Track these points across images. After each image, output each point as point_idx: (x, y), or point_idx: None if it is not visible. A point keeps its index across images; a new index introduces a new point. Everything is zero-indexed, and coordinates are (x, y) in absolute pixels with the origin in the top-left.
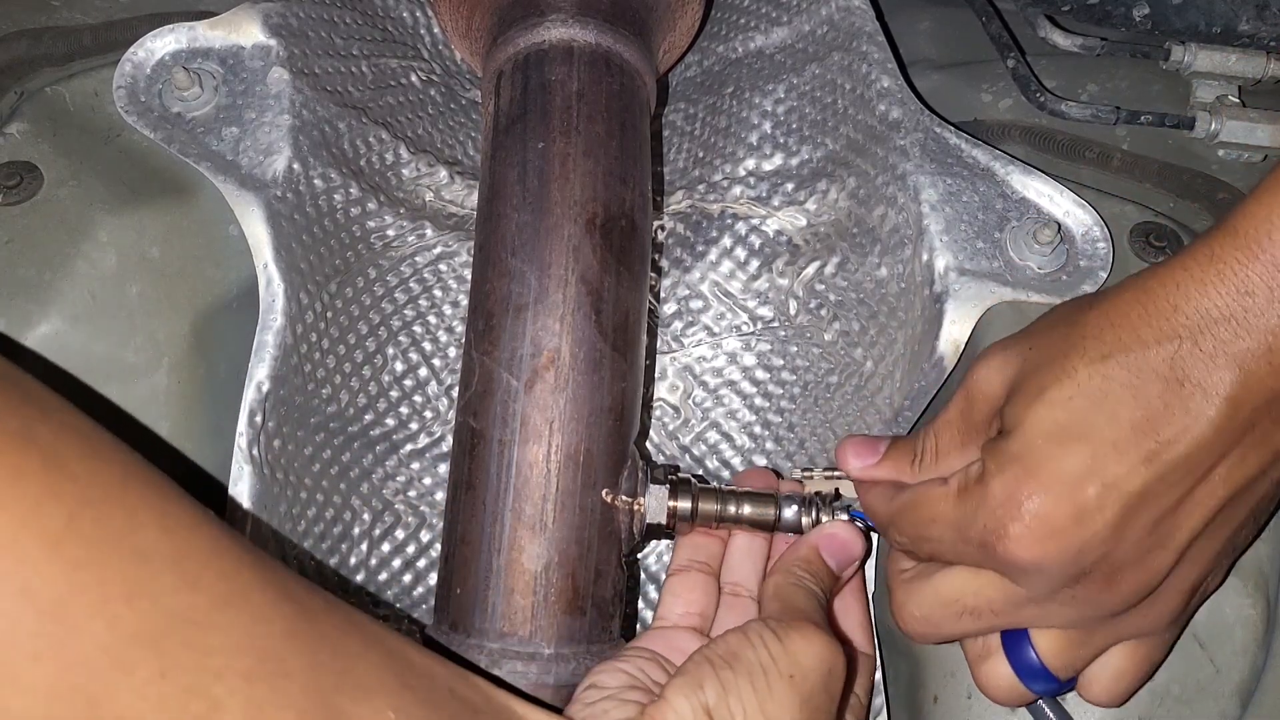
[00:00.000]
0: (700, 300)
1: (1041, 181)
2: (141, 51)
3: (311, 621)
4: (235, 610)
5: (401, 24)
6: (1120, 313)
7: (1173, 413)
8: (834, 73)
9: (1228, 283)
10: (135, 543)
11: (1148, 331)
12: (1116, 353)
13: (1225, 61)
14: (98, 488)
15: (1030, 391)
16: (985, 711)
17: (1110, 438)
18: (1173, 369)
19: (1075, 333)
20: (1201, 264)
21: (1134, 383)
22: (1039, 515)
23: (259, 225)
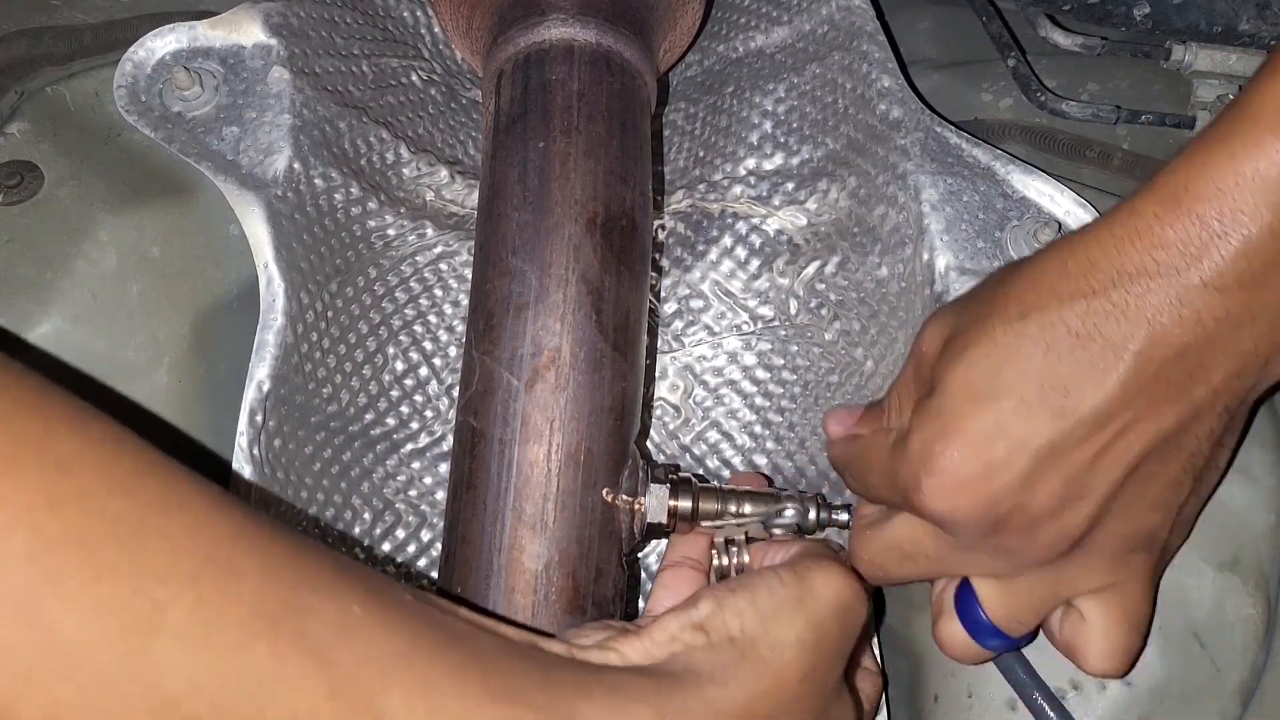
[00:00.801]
0: (701, 299)
1: (1042, 181)
2: (142, 51)
3: (259, 526)
4: (174, 514)
5: (402, 23)
6: (1041, 271)
7: (1081, 369)
8: (834, 72)
9: (1143, 238)
10: (56, 453)
11: (1064, 288)
12: (1033, 311)
13: (1226, 61)
14: (8, 402)
15: (954, 351)
16: (985, 711)
17: (1020, 395)
18: (1084, 325)
19: (999, 293)
20: (1122, 220)
21: (1046, 339)
22: (948, 470)
23: (259, 225)
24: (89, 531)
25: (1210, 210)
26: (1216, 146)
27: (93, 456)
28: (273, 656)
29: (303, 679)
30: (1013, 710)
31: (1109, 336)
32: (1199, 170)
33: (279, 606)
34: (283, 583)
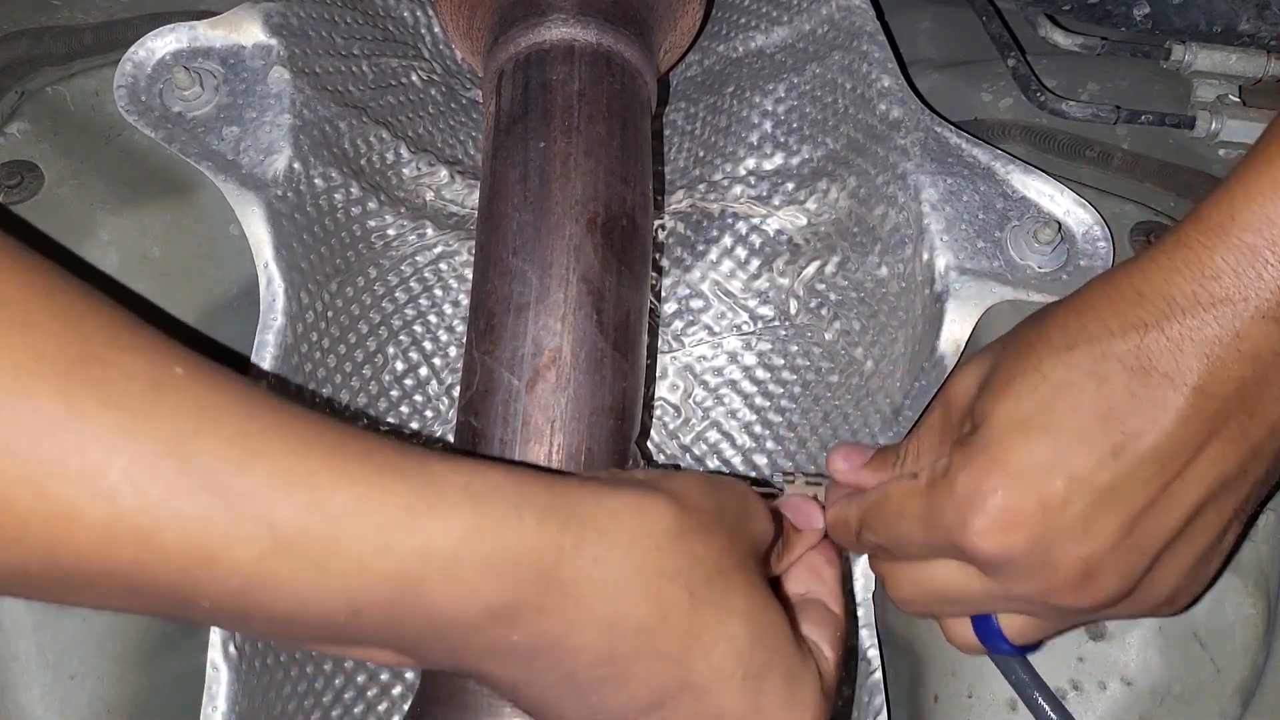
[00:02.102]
0: (701, 299)
1: (1042, 181)
2: (142, 51)
3: (68, 288)
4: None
5: (402, 23)
6: (1087, 304)
7: (1139, 403)
8: (834, 72)
9: (1193, 268)
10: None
11: (1114, 321)
12: (1081, 343)
13: (1226, 61)
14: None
15: (997, 385)
16: (985, 711)
17: (1074, 428)
18: (1138, 358)
19: (1043, 326)
20: (1168, 251)
21: (1098, 372)
22: (1002, 507)
23: (259, 224)
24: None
25: (1260, 239)
26: (1261, 173)
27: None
28: (59, 398)
29: (99, 426)
30: (1013, 710)
31: (1165, 370)
32: (1244, 199)
33: (76, 360)
34: (81, 337)
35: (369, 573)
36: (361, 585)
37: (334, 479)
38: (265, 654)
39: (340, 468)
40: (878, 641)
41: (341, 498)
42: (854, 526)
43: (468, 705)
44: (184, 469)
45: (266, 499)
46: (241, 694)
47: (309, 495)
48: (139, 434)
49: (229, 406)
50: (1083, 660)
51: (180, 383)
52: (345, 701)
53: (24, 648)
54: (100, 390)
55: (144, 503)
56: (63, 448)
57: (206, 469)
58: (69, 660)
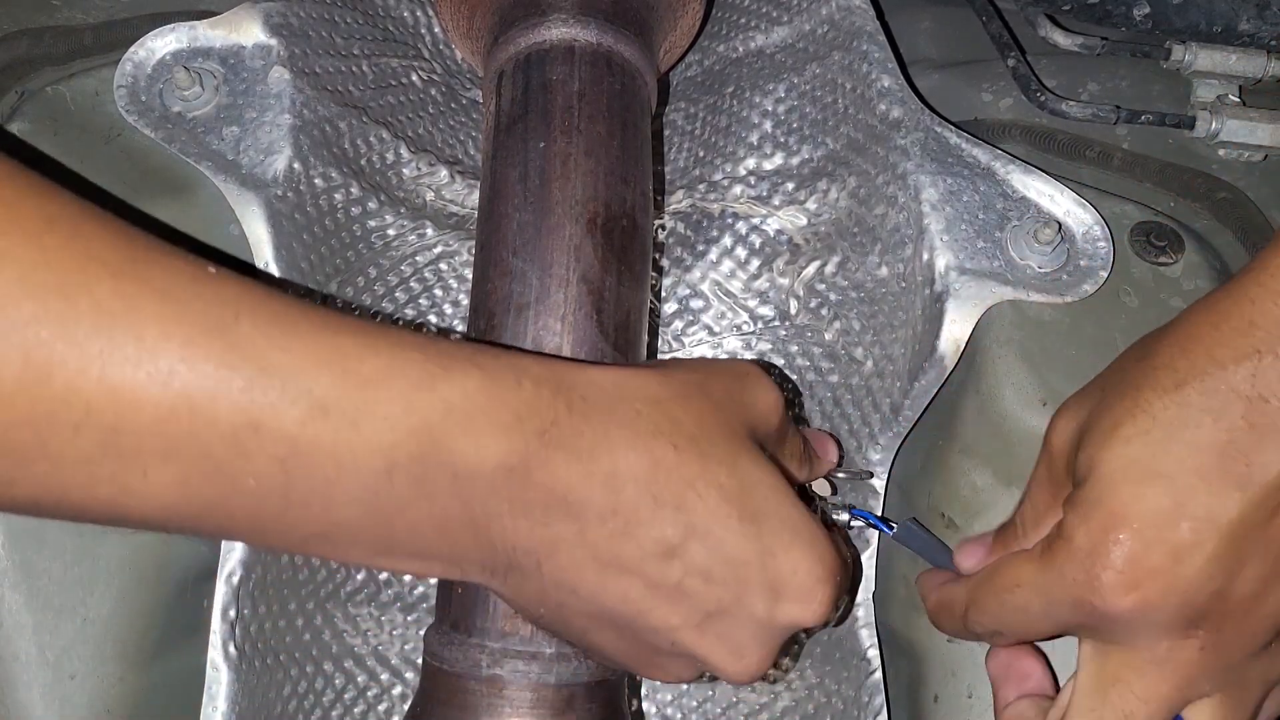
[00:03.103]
0: (701, 299)
1: (1042, 181)
2: (142, 51)
3: (101, 209)
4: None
5: (402, 23)
6: (1191, 337)
7: (1260, 432)
8: (834, 72)
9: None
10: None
11: (1223, 351)
12: (1191, 379)
13: (1226, 61)
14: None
15: (1103, 432)
16: (985, 711)
17: (1193, 467)
18: (1254, 386)
19: (1145, 365)
20: (1272, 273)
21: (1213, 406)
22: (1129, 559)
23: (259, 224)
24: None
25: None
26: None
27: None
28: (115, 292)
29: (153, 315)
30: None
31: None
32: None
33: (121, 258)
34: (129, 242)
35: (398, 428)
36: (392, 441)
37: (361, 351)
38: (265, 654)
39: (366, 343)
40: (878, 641)
41: (369, 366)
42: (960, 609)
43: (468, 705)
44: (231, 348)
45: (305, 370)
46: (241, 694)
47: (342, 365)
48: (189, 320)
49: (262, 297)
50: None
51: (216, 279)
52: (345, 701)
53: (24, 648)
54: (150, 285)
55: (198, 378)
56: (123, 334)
57: (250, 346)
58: (69, 660)
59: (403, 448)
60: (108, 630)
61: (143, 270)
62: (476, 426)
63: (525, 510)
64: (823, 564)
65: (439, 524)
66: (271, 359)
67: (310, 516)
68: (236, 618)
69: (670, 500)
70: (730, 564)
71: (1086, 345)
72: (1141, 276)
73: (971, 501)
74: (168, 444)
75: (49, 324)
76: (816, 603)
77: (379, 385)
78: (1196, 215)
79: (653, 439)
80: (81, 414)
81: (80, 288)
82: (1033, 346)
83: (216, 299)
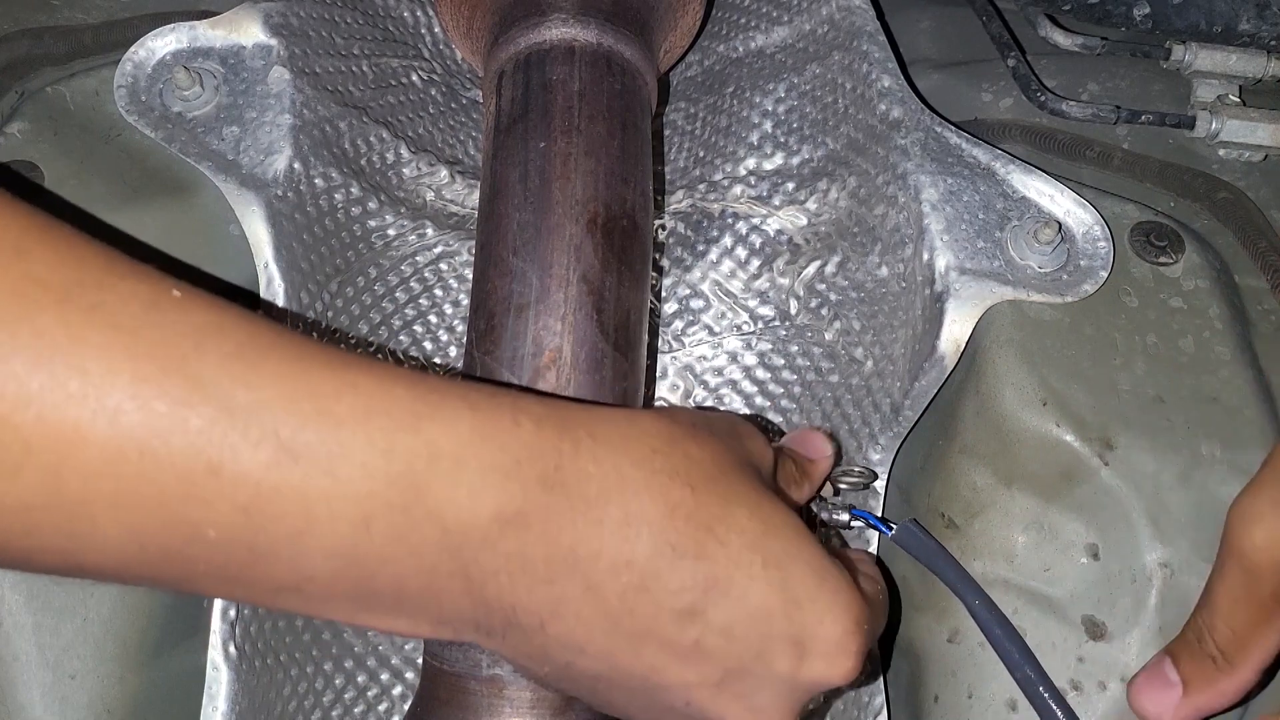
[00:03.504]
0: (701, 299)
1: (1042, 181)
2: (142, 51)
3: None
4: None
5: (402, 23)
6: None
7: None
8: (835, 72)
9: None
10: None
11: None
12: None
13: (1226, 61)
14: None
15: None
16: (985, 711)
17: None
18: None
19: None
20: None
21: None
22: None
23: (260, 224)
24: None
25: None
26: None
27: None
28: (58, 321)
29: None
30: (1013, 710)
31: None
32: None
33: (68, 282)
34: (79, 263)
35: (376, 476)
36: (369, 489)
37: (337, 388)
38: (265, 654)
39: (343, 377)
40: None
41: (345, 404)
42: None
43: (468, 705)
44: (187, 384)
45: (272, 408)
46: (241, 694)
47: (314, 404)
48: (140, 352)
49: (228, 325)
50: (1083, 660)
51: (178, 304)
52: (345, 701)
53: (24, 648)
54: (98, 312)
55: (149, 418)
56: (64, 368)
57: (210, 383)
58: (69, 660)
59: (381, 497)
60: (108, 630)
61: (91, 295)
62: (467, 473)
63: (526, 567)
64: (850, 613)
65: (426, 581)
66: (234, 396)
67: (279, 571)
68: (236, 618)
69: (690, 549)
70: (753, 618)
71: (1086, 345)
72: (1141, 276)
73: (971, 501)
74: (115, 489)
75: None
76: (846, 656)
77: (356, 426)
78: (1196, 215)
79: (669, 480)
80: (20, 455)
81: (18, 315)
82: (1033, 346)
83: (175, 328)
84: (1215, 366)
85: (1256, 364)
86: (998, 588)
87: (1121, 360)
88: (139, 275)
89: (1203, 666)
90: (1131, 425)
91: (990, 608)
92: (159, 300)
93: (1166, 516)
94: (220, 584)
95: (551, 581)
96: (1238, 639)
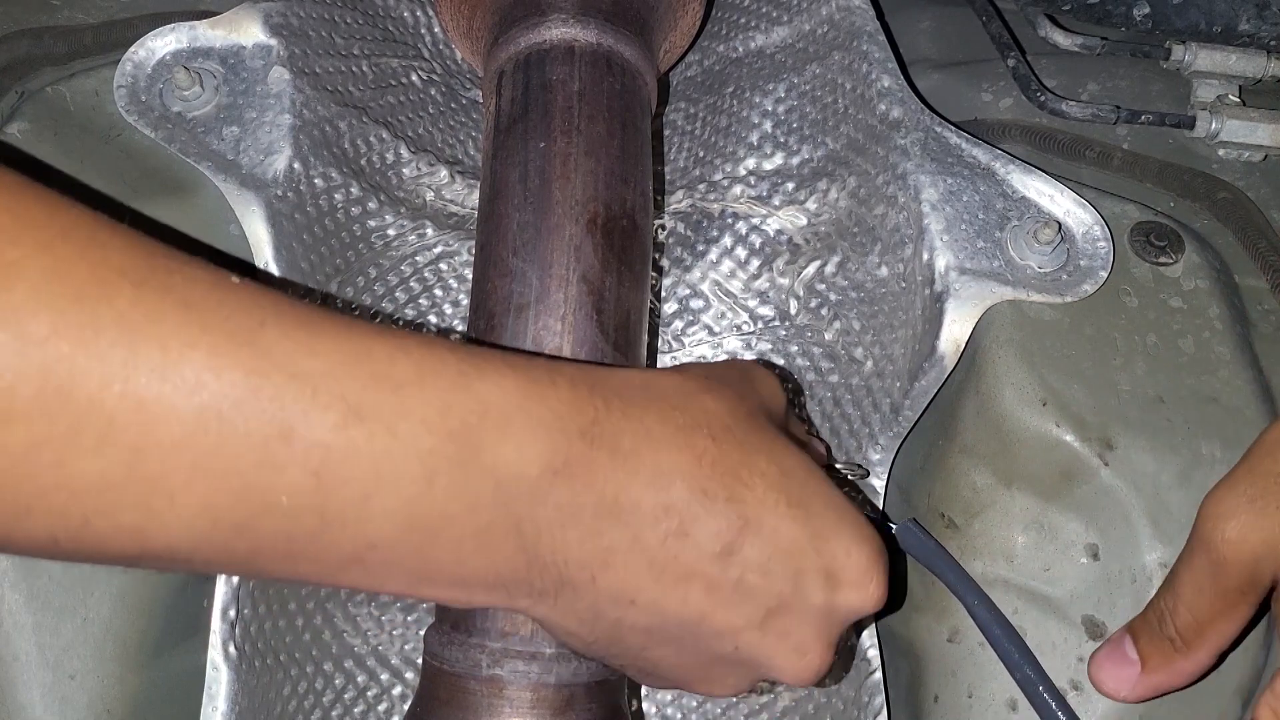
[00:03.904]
0: (701, 299)
1: (1042, 181)
2: (142, 51)
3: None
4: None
5: (402, 23)
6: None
7: None
8: (834, 72)
9: None
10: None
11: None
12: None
13: (1225, 61)
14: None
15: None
16: (985, 711)
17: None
18: None
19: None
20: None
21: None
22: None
23: (259, 224)
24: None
25: None
26: None
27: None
28: (137, 302)
29: (177, 324)
30: (1013, 710)
31: None
32: None
33: (141, 268)
34: (148, 252)
35: (436, 431)
36: (430, 445)
37: (393, 354)
38: (265, 654)
39: (396, 345)
40: (878, 641)
41: (402, 368)
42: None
43: (468, 705)
44: (258, 354)
45: (337, 374)
46: (241, 694)
47: (373, 367)
48: (214, 328)
49: (287, 304)
50: (1082, 660)
51: (238, 288)
52: (345, 701)
53: (24, 648)
54: (172, 294)
55: (226, 388)
56: (146, 345)
57: (278, 353)
58: (69, 660)
59: (442, 452)
60: (108, 630)
61: (163, 279)
62: (515, 430)
63: (575, 518)
64: (871, 543)
65: (482, 538)
66: (301, 364)
67: (346, 536)
68: (236, 618)
69: (721, 493)
70: (786, 554)
71: (1086, 345)
72: (1141, 276)
73: (971, 501)
74: (194, 461)
75: (68, 337)
76: (874, 585)
77: (413, 387)
78: (1196, 215)
79: (692, 432)
80: (104, 432)
81: (100, 298)
82: (1033, 346)
83: (240, 307)
84: (1215, 366)
85: (1256, 364)
86: (998, 588)
87: (1121, 360)
88: (199, 263)
89: (1161, 647)
90: (1131, 425)
91: (990, 608)
92: (221, 283)
93: (1166, 516)
94: (286, 558)
95: (600, 533)
96: (1197, 625)
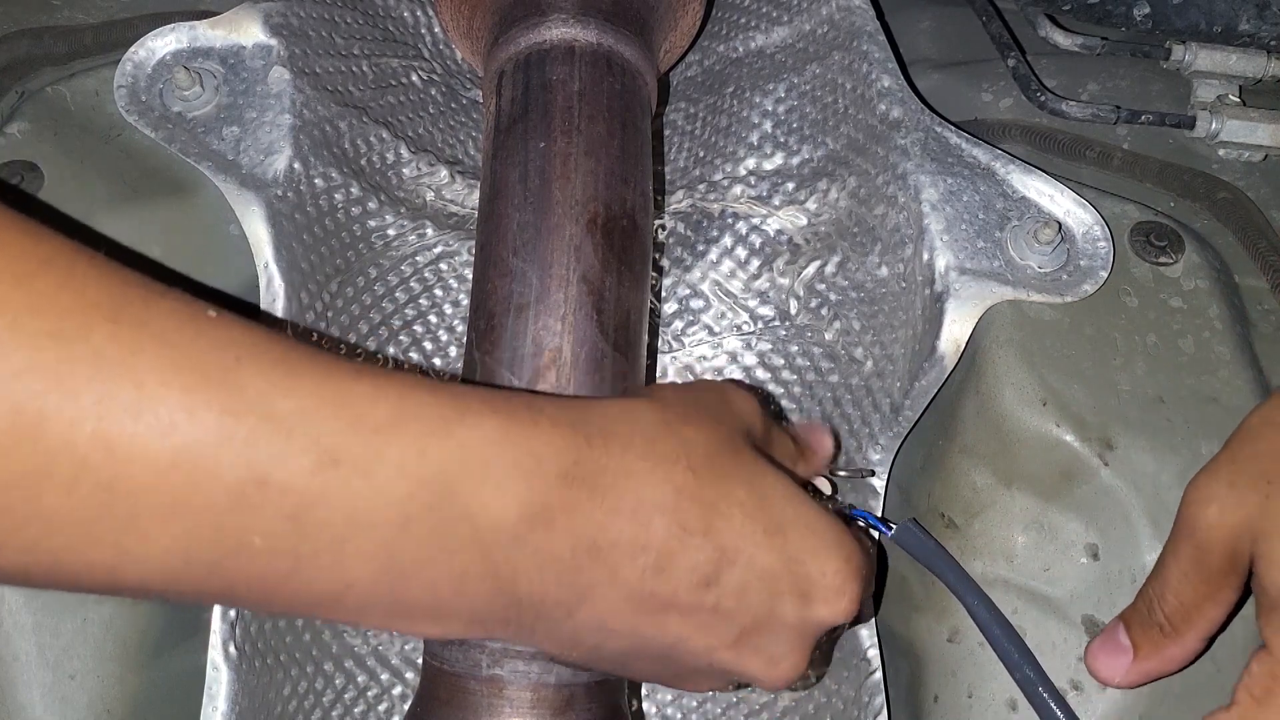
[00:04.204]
0: (701, 299)
1: (1042, 181)
2: (142, 51)
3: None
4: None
5: (402, 23)
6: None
7: None
8: (835, 72)
9: None
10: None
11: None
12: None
13: (1226, 61)
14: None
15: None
16: (985, 711)
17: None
18: None
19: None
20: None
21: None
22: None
23: (260, 224)
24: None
25: None
26: None
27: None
28: (111, 338)
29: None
30: (1013, 710)
31: None
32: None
33: (117, 301)
34: (125, 283)
35: (411, 477)
36: (406, 491)
37: (371, 396)
38: (265, 654)
39: (374, 386)
40: (878, 641)
41: (380, 411)
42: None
43: (468, 705)
44: (233, 394)
45: (312, 416)
46: (241, 694)
47: (350, 411)
48: (188, 366)
49: (263, 341)
50: (1082, 660)
51: (215, 322)
52: (345, 701)
53: (24, 648)
54: (147, 329)
55: (199, 431)
56: (120, 383)
57: (253, 393)
58: (69, 660)
59: (418, 499)
60: (108, 630)
61: (139, 314)
62: (494, 476)
63: (553, 561)
64: (849, 562)
65: (458, 582)
66: (276, 405)
67: (321, 578)
68: (236, 618)
69: (698, 527)
70: (762, 580)
71: (1086, 345)
72: (1141, 276)
73: (971, 501)
74: (168, 501)
75: (41, 374)
76: (845, 599)
77: (391, 431)
78: (1196, 215)
79: (671, 465)
80: (76, 472)
81: (76, 335)
82: (1033, 346)
83: (216, 343)
84: (1215, 366)
85: (1256, 364)
86: (998, 588)
87: (1121, 360)
88: (175, 295)
89: (1151, 634)
90: (1131, 425)
91: (990, 608)
92: (197, 318)
93: (1166, 516)
94: (261, 596)
95: (578, 571)
96: (1184, 610)
